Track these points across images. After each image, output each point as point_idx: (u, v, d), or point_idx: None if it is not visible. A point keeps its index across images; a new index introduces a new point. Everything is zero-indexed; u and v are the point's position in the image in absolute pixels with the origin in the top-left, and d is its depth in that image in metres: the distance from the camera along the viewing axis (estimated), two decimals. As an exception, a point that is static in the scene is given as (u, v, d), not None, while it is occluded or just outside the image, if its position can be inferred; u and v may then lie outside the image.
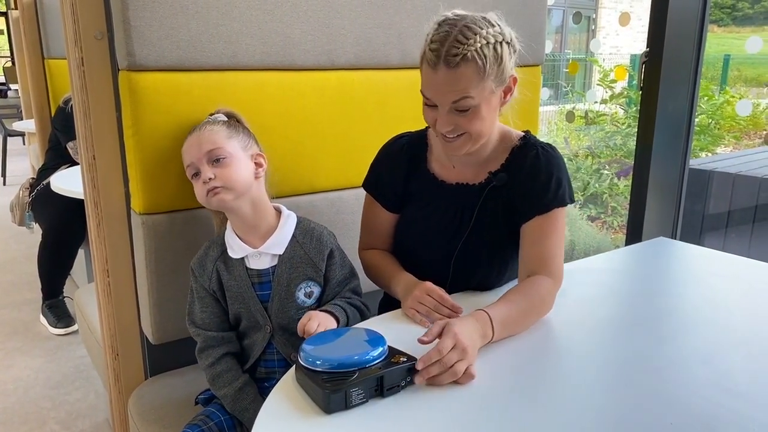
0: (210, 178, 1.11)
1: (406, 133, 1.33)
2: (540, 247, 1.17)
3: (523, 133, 1.25)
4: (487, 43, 1.06)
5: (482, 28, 1.06)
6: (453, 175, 1.26)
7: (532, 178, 1.18)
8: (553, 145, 1.24)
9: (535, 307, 1.12)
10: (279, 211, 1.20)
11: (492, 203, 1.22)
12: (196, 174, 1.14)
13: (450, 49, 1.05)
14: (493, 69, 1.07)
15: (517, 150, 1.22)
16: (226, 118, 1.21)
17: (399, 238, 1.32)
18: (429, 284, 1.16)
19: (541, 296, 1.13)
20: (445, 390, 0.91)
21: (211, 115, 1.22)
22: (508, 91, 1.15)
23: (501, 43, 1.08)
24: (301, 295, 1.15)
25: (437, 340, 0.95)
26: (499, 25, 1.10)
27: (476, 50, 1.05)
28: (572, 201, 1.20)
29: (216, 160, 1.12)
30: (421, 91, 1.13)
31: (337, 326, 1.09)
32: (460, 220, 1.24)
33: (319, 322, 1.06)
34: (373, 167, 1.34)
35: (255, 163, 1.17)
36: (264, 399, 1.07)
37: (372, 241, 1.34)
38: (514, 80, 1.15)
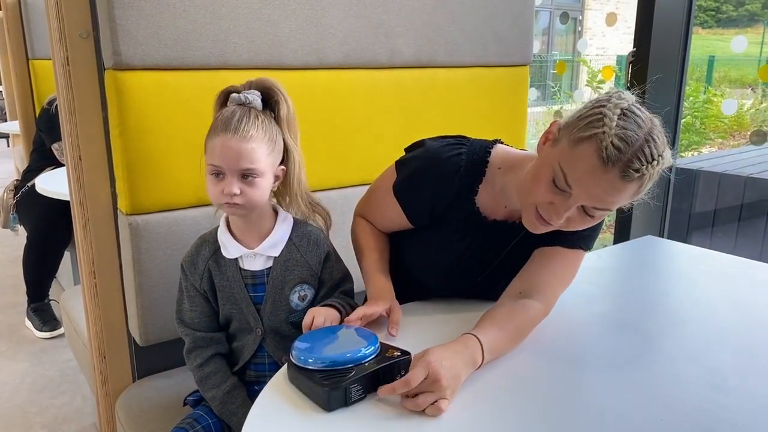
0: (235, 194, 1.04)
1: (463, 146, 1.16)
2: (547, 274, 1.10)
3: None
4: (660, 168, 0.93)
5: (664, 149, 0.93)
6: (498, 213, 1.15)
7: None
8: None
9: (523, 332, 1.06)
10: (275, 212, 1.18)
11: (524, 241, 1.14)
12: (218, 175, 1.06)
13: (633, 161, 0.89)
14: (647, 190, 0.96)
15: None
16: (260, 104, 1.08)
17: (417, 259, 1.24)
18: (359, 312, 1.06)
19: (530, 323, 1.07)
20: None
21: (245, 88, 1.10)
22: None
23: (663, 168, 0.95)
24: (295, 298, 1.14)
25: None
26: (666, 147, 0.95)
27: (651, 174, 0.92)
28: (590, 250, 1.15)
29: (247, 176, 1.05)
30: (560, 165, 0.94)
31: (338, 318, 1.08)
32: (491, 256, 1.17)
33: (324, 316, 1.04)
34: (414, 177, 1.17)
35: (275, 176, 1.11)
36: (252, 403, 1.07)
37: (372, 220, 1.27)
38: None
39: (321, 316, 1.03)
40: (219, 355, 1.16)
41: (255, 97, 1.08)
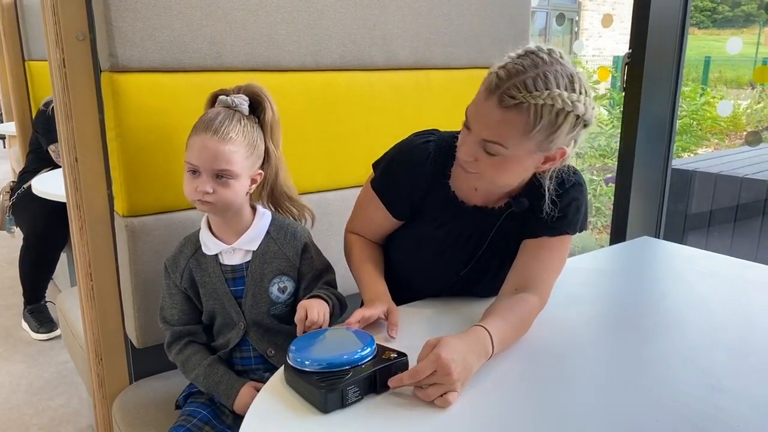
0: (207, 192, 1.07)
1: (432, 135, 1.20)
2: (538, 266, 1.12)
3: None
4: (552, 105, 0.93)
5: (559, 87, 0.93)
6: (473, 196, 1.17)
7: (552, 202, 1.10)
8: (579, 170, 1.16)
9: (524, 325, 1.08)
10: (254, 209, 1.20)
11: (508, 228, 1.16)
12: (195, 172, 1.09)
13: (511, 89, 0.93)
14: (542, 133, 0.95)
15: (540, 174, 1.11)
16: (246, 109, 1.12)
17: (402, 253, 1.25)
18: (357, 314, 1.06)
19: (530, 316, 1.09)
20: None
21: (234, 92, 1.14)
22: (550, 160, 1.03)
23: (568, 113, 0.94)
24: (274, 290, 1.16)
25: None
26: (580, 93, 0.96)
27: (535, 105, 0.92)
28: (583, 230, 1.15)
29: (221, 176, 1.08)
30: (467, 107, 1.03)
31: (329, 309, 1.09)
32: (474, 243, 1.19)
33: (317, 309, 1.04)
34: (389, 169, 1.21)
35: (251, 179, 1.14)
36: (236, 373, 1.10)
37: (362, 231, 1.28)
38: (562, 154, 1.02)
39: (314, 309, 1.04)
40: (196, 342, 1.20)
41: (242, 101, 1.12)
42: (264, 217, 1.19)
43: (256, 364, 1.18)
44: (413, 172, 1.17)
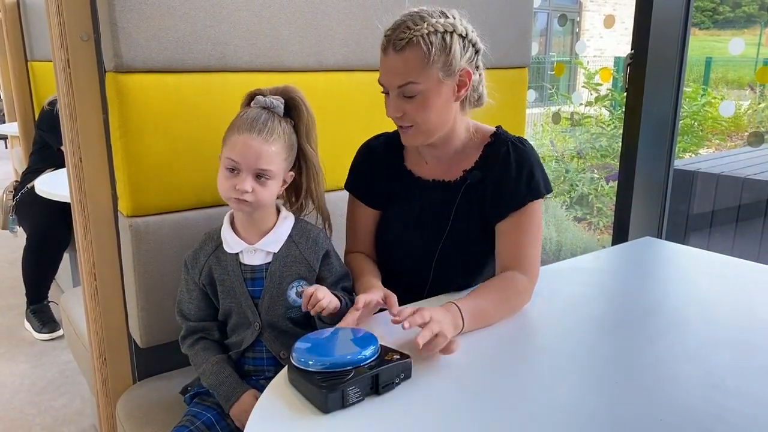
0: (246, 191, 1.09)
1: (382, 133, 1.35)
2: (515, 244, 1.18)
3: (494, 129, 1.26)
4: (435, 31, 1.08)
5: (433, 18, 1.10)
6: (428, 171, 1.27)
7: (504, 175, 1.19)
8: (528, 140, 1.25)
9: (506, 300, 1.13)
10: (278, 210, 1.21)
11: (468, 201, 1.23)
12: (233, 170, 1.10)
13: (398, 34, 1.09)
14: (440, 57, 1.09)
15: (488, 147, 1.23)
16: (282, 111, 1.15)
17: (380, 240, 1.32)
18: (360, 300, 1.09)
19: (514, 290, 1.15)
20: (438, 385, 0.92)
21: (269, 93, 1.16)
22: (462, 86, 1.15)
23: (451, 33, 1.10)
24: (292, 293, 1.16)
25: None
26: (455, 19, 1.12)
27: (422, 36, 1.08)
28: (548, 191, 1.20)
29: (261, 176, 1.10)
30: (378, 80, 1.16)
31: (339, 307, 1.10)
32: (439, 218, 1.24)
33: (324, 293, 1.07)
34: (353, 167, 1.35)
35: (283, 180, 1.16)
36: (245, 381, 1.12)
37: (356, 243, 1.33)
38: (468, 75, 1.14)
39: (322, 291, 1.07)
40: (209, 339, 1.21)
41: (279, 103, 1.15)
42: (287, 219, 1.20)
43: (268, 366, 1.18)
44: (371, 161, 1.31)
